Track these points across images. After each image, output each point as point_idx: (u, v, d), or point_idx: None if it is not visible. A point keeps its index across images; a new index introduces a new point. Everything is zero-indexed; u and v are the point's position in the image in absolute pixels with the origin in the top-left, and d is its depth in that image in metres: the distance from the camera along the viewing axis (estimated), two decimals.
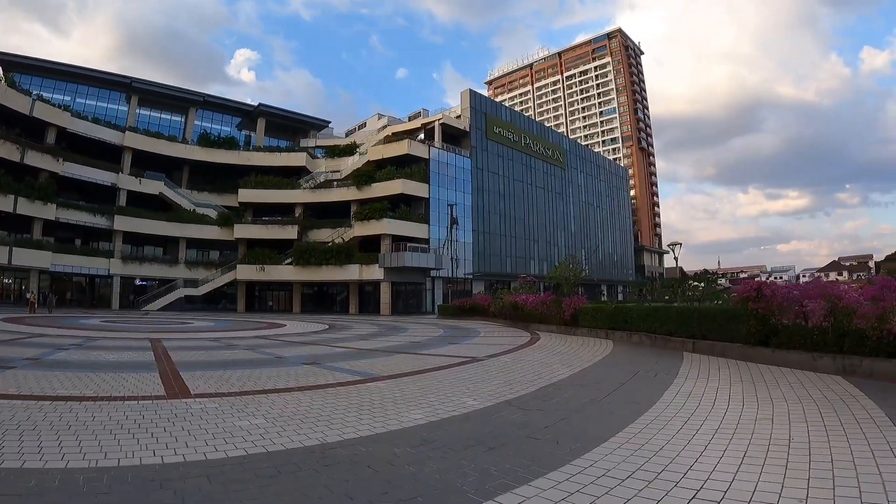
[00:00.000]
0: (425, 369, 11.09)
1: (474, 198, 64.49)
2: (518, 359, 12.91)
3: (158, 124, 63.92)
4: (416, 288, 58.03)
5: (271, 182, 60.33)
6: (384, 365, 11.97)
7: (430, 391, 8.60)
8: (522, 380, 9.72)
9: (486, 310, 33.28)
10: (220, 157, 62.34)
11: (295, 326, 29.22)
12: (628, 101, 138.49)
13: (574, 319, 20.57)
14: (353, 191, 57.61)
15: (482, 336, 21.02)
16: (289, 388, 8.84)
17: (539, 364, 11.89)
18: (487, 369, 11.07)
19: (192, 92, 66.65)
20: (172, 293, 55.48)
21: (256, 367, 11.60)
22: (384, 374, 10.35)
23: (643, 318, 16.24)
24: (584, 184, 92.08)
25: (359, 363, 12.42)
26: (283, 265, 56.33)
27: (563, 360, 12.63)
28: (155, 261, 57.23)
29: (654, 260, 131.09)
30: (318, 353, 14.78)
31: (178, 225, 57.34)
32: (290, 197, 60.36)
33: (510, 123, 74.05)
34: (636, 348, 14.88)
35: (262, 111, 69.44)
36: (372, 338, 20.94)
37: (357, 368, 11.37)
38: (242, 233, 58.50)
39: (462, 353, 14.46)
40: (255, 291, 63.47)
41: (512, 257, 71.36)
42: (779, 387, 8.64)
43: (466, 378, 9.97)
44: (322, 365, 11.85)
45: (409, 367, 11.38)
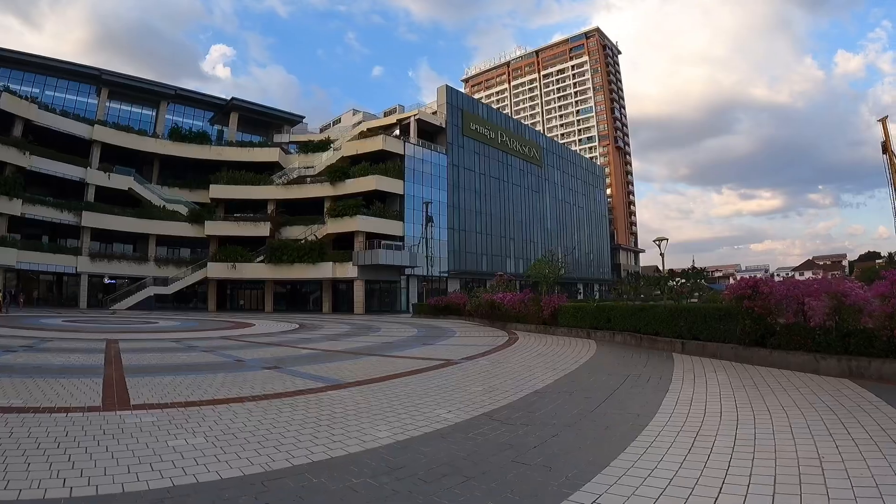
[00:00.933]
0: (396, 374, 10.07)
1: (450, 195, 63.58)
2: (497, 361, 11.95)
3: (129, 118, 62.02)
4: (391, 286, 56.97)
5: (243, 178, 58.80)
6: (351, 369, 10.94)
7: (400, 401, 7.59)
8: (503, 386, 8.73)
9: (461, 309, 32.47)
10: (191, 152, 60.55)
11: (263, 326, 28.19)
12: (605, 101, 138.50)
13: (553, 318, 19.75)
14: (326, 187, 56.36)
15: (458, 336, 20.05)
16: (241, 397, 7.83)
17: (520, 367, 10.94)
18: (464, 374, 10.08)
19: (163, 85, 64.85)
20: (141, 292, 53.62)
21: (212, 371, 10.57)
22: (350, 381, 9.34)
23: (628, 317, 15.41)
24: (561, 182, 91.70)
25: (324, 367, 11.35)
26: (255, 263, 55.01)
27: (545, 362, 11.68)
28: (124, 258, 55.40)
29: (630, 259, 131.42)
30: (282, 355, 13.72)
31: (147, 221, 55.57)
32: (262, 193, 58.85)
33: (487, 120, 73.21)
34: (621, 349, 14.01)
35: (234, 105, 67.81)
36: (342, 338, 19.89)
37: (321, 373, 10.32)
38: (213, 229, 56.93)
39: (436, 355, 13.50)
40: (227, 290, 61.82)
41: (488, 255, 70.59)
42: (786, 392, 7.79)
43: (440, 385, 8.96)
44: (284, 369, 10.83)
45: (377, 372, 10.35)
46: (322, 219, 55.86)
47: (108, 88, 60.42)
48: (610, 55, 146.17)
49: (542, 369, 10.56)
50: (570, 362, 11.56)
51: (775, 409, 6.71)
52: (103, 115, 59.27)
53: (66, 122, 53.32)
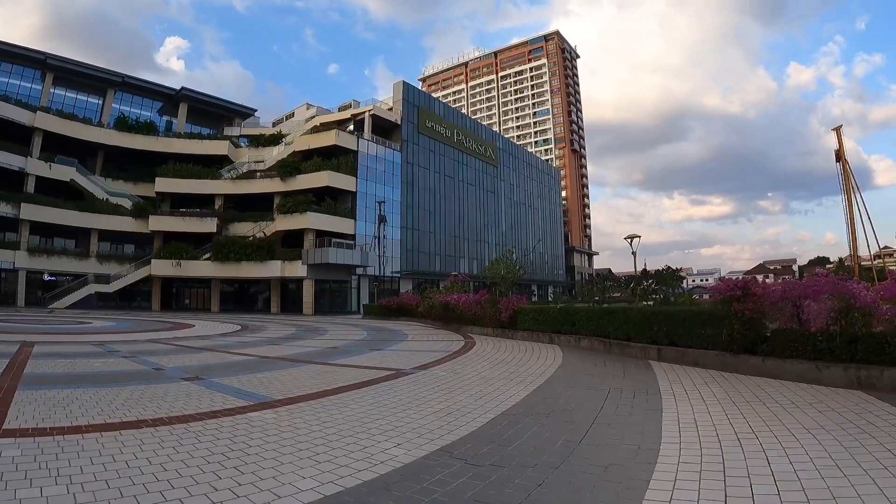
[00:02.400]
0: (336, 389, 8.40)
1: (404, 193, 62.01)
2: (454, 372, 10.37)
3: (74, 105, 58.26)
4: (341, 286, 55.06)
5: (191, 171, 56.01)
6: (285, 381, 9.23)
7: (336, 428, 5.95)
8: (464, 406, 7.15)
9: (413, 310, 30.94)
10: (137, 143, 57.28)
11: (203, 327, 26.31)
12: (562, 103, 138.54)
13: (512, 321, 18.26)
14: (276, 182, 54.15)
15: (410, 340, 18.43)
16: (140, 420, 6.18)
17: (481, 380, 9.36)
18: (417, 389, 8.46)
19: (110, 72, 61.13)
20: (82, 290, 50.42)
21: (122, 383, 8.77)
22: (280, 398, 7.65)
23: (595, 320, 14.05)
24: (517, 183, 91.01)
25: (254, 378, 9.57)
26: (201, 260, 52.46)
27: (509, 373, 10.13)
28: (65, 254, 51.92)
29: (584, 261, 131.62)
30: (212, 362, 11.96)
31: (89, 215, 52.19)
32: (210, 187, 56.18)
33: (443, 118, 71.86)
34: (591, 356, 12.61)
35: (184, 95, 64.71)
36: (284, 342, 18.11)
37: (248, 387, 8.57)
38: (158, 225, 54.06)
39: (386, 362, 11.91)
40: (173, 289, 58.96)
41: (441, 256, 69.22)
42: (801, 410, 6.54)
43: (388, 404, 7.33)
44: (206, 381, 9.11)
45: (315, 386, 8.68)
46: (271, 215, 53.61)
47: (54, 74, 56.62)
48: (568, 59, 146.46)
49: (508, 382, 9.02)
50: (537, 373, 10.05)
51: (801, 434, 5.45)
52: (48, 101, 55.54)
53: (7, 107, 49.59)
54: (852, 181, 46.14)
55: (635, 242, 25.57)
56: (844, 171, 46.82)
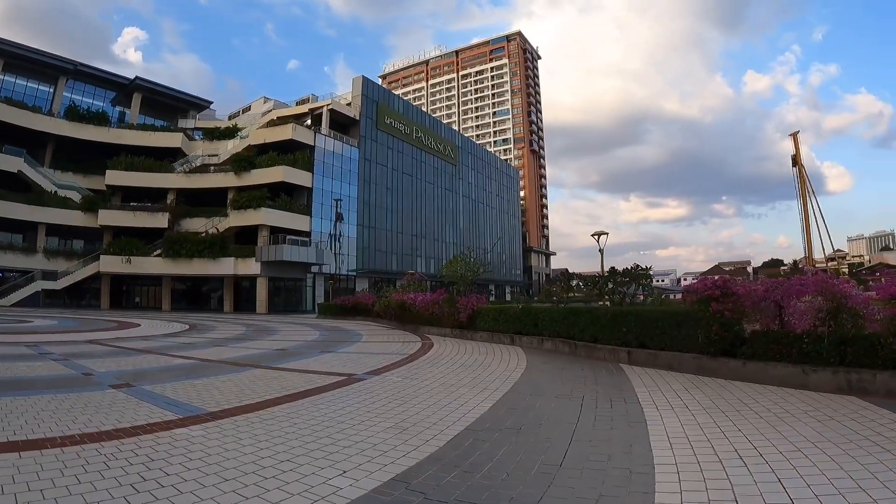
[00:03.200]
0: (280, 398, 7.41)
1: (361, 190, 60.79)
2: (411, 377, 9.44)
3: (24, 93, 55.49)
4: (296, 284, 53.61)
5: (143, 164, 53.54)
6: (224, 389, 8.17)
7: (272, 450, 4.97)
8: (422, 420, 6.22)
9: (369, 309, 29.98)
10: (88, 134, 54.64)
11: (149, 327, 24.86)
12: (522, 104, 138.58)
13: (471, 322, 17.42)
14: (231, 177, 52.28)
15: (364, 341, 17.42)
16: (47, 439, 5.17)
17: (441, 387, 8.45)
18: (369, 398, 7.48)
19: (63, 59, 58.24)
20: (28, 287, 47.79)
21: (43, 391, 7.77)
22: (214, 409, 6.63)
23: (560, 321, 13.29)
24: (476, 182, 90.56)
25: (191, 386, 8.49)
26: (152, 257, 50.26)
27: (471, 378, 9.23)
28: (10, 249, 49.09)
29: (542, 261, 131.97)
30: (148, 366, 10.86)
31: (36, 208, 49.51)
32: (162, 181, 53.88)
33: (402, 115, 70.84)
34: (556, 359, 11.84)
35: (138, 85, 62.29)
36: (231, 343, 16.90)
37: (181, 396, 7.50)
38: (108, 219, 51.59)
39: (337, 367, 10.92)
40: (123, 286, 56.57)
41: (398, 254, 68.22)
42: (799, 420, 5.92)
43: (336, 418, 6.33)
44: (136, 388, 8.04)
45: (255, 395, 7.65)
46: (225, 211, 51.80)
47: (3, 59, 53.70)
48: (530, 59, 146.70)
49: (470, 389, 8.13)
50: (501, 378, 9.18)
51: (809, 449, 4.81)
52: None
53: None
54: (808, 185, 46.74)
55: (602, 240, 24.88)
56: (801, 175, 47.45)
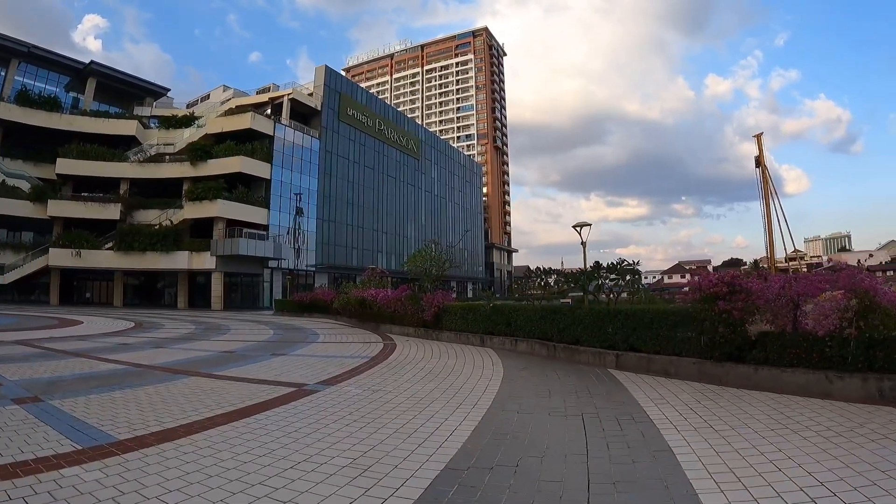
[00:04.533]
0: (211, 418, 5.93)
1: (321, 183, 58.80)
2: (372, 389, 7.94)
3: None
4: (253, 280, 51.44)
5: (95, 152, 50.50)
6: (147, 404, 6.65)
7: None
8: (388, 454, 4.74)
9: (328, 306, 28.29)
10: (38, 120, 51.06)
11: (91, 325, 23.06)
12: (487, 100, 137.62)
13: (437, 321, 16.00)
14: (186, 167, 49.69)
15: (321, 341, 15.83)
16: None
17: (409, 402, 6.97)
18: (322, 418, 5.99)
19: (15, 40, 54.40)
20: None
21: None
22: (124, 437, 5.16)
23: (537, 321, 12.00)
24: (438, 177, 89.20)
25: (109, 399, 6.96)
26: (103, 250, 47.29)
27: (442, 389, 7.83)
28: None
29: (504, 258, 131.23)
30: (68, 374, 9.17)
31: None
32: (115, 170, 50.91)
33: (365, 107, 69.04)
34: (533, 363, 10.53)
35: (93, 70, 58.88)
36: (173, 344, 15.26)
37: (93, 415, 6.01)
38: (58, 210, 48.44)
39: (286, 374, 9.43)
40: (73, 281, 53.66)
41: (359, 249, 66.48)
42: (854, 442, 4.77)
43: (277, 450, 4.85)
44: (44, 403, 6.55)
45: (183, 413, 6.16)
46: (180, 202, 49.28)
47: None
48: (496, 56, 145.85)
49: (444, 405, 6.69)
50: (478, 389, 7.78)
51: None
52: None
53: None
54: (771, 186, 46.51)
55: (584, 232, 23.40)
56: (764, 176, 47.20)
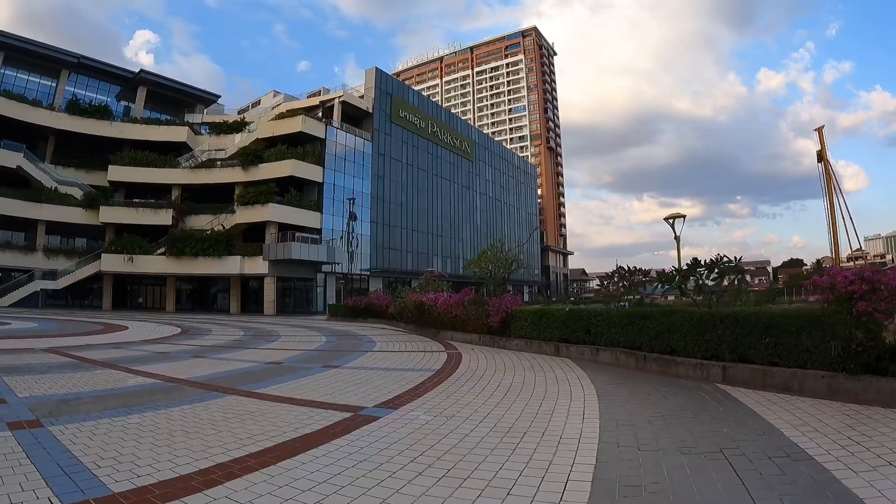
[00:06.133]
0: (239, 459, 4.69)
1: (374, 186, 58.14)
2: (445, 415, 6.49)
3: (26, 87, 53.85)
4: (306, 285, 51.01)
5: (147, 159, 51.45)
6: (164, 434, 5.50)
7: None
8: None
9: (383, 311, 27.33)
10: (90, 128, 52.47)
11: (135, 331, 22.46)
12: (538, 100, 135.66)
13: (504, 327, 14.56)
14: (238, 172, 49.90)
15: (377, 350, 14.58)
16: None
17: (494, 434, 5.53)
18: (383, 465, 4.54)
19: (65, 52, 56.31)
20: (27, 286, 46.01)
21: None
22: (124, 487, 4.03)
23: (622, 327, 10.50)
24: (492, 179, 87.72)
25: (121, 427, 5.81)
26: (155, 255, 48.07)
27: (530, 415, 6.41)
28: (8, 247, 47.16)
29: (559, 261, 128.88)
30: (86, 390, 8.08)
31: (35, 205, 47.42)
32: (166, 176, 51.73)
33: (417, 108, 68.19)
34: (625, 377, 9.07)
35: (143, 79, 60.24)
36: (216, 353, 14.26)
37: (94, 451, 4.87)
38: (110, 216, 49.51)
39: (340, 392, 8.06)
40: (126, 286, 54.56)
41: (413, 253, 65.49)
42: None
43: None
44: (43, 431, 5.50)
45: (207, 452, 4.91)
46: (231, 207, 49.40)
47: (4, 52, 51.90)
48: (546, 55, 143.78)
49: (540, 440, 5.26)
50: (574, 414, 6.38)
51: None
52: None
53: None
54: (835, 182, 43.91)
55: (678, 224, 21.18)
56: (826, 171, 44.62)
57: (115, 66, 61.92)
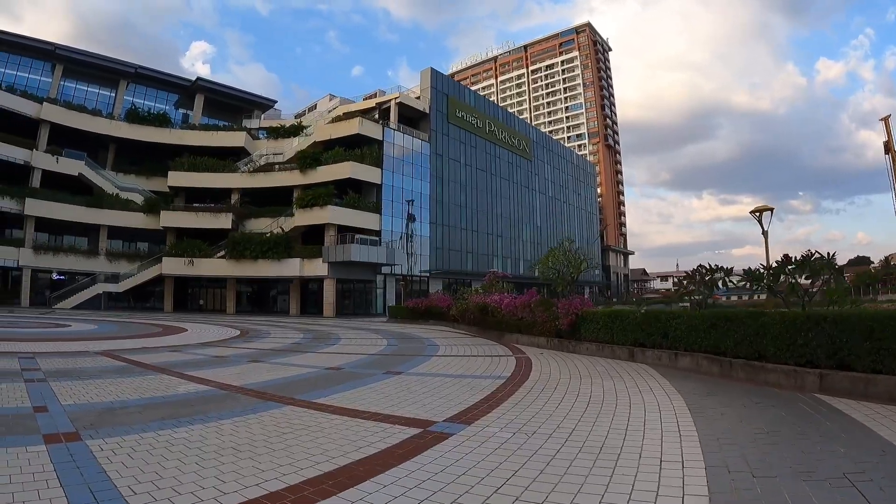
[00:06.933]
0: (296, 486, 4.19)
1: (432, 186, 58.03)
2: (524, 431, 5.85)
3: (85, 98, 56.15)
4: (365, 286, 51.21)
5: (205, 164, 52.88)
6: (213, 454, 5.03)
7: None
8: None
9: (445, 313, 26.89)
10: (149, 136, 54.50)
11: (194, 333, 22.78)
12: (595, 97, 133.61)
13: (573, 330, 13.88)
14: (296, 175, 50.62)
15: (441, 355, 14.17)
16: None
17: (584, 456, 4.91)
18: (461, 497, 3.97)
19: (122, 62, 58.53)
20: (89, 289, 47.99)
21: None
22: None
23: (704, 330, 9.80)
24: (551, 177, 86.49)
25: (166, 441, 5.44)
26: (215, 258, 49.21)
27: (619, 432, 5.79)
28: (72, 252, 49.31)
29: (620, 261, 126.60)
30: (134, 398, 7.70)
31: (97, 211, 49.64)
32: (225, 181, 53.03)
33: (474, 108, 67.71)
34: (712, 386, 8.38)
35: (200, 87, 61.93)
36: (274, 357, 13.92)
37: (130, 472, 4.44)
38: (170, 220, 51.13)
39: (406, 402, 7.54)
40: (187, 289, 55.94)
41: (473, 254, 65.03)
42: None
43: None
44: (79, 444, 5.16)
45: (257, 478, 4.39)
46: (290, 210, 50.10)
47: (63, 65, 54.45)
48: (600, 51, 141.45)
49: (637, 465, 4.63)
50: (669, 431, 5.72)
51: None
52: (57, 93, 53.48)
53: (11, 98, 47.35)
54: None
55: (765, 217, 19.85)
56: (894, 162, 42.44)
57: (172, 74, 63.95)
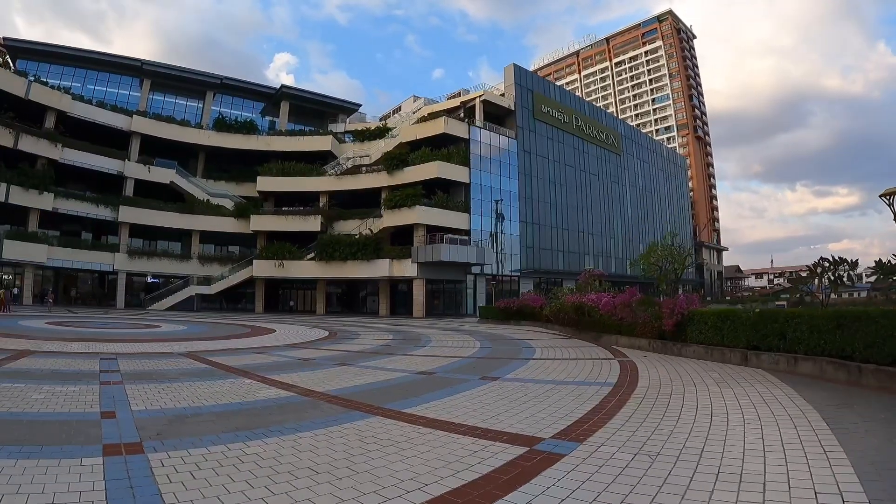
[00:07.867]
0: None
1: (521, 184, 57.35)
2: (647, 451, 5.20)
3: (173, 110, 59.53)
4: (455, 287, 51.19)
5: (293, 169, 54.56)
6: (285, 476, 4.42)
7: None
8: None
9: (537, 313, 26.46)
10: (237, 143, 56.90)
11: (282, 334, 23.13)
12: (682, 87, 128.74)
13: (679, 331, 13.13)
14: (383, 176, 51.30)
15: (538, 358, 13.58)
16: None
17: (724, 487, 4.19)
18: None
19: (207, 74, 61.59)
20: (182, 291, 50.86)
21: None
22: None
23: (828, 331, 8.93)
24: (641, 172, 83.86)
25: (238, 456, 4.96)
26: (305, 260, 50.80)
27: (754, 455, 5.12)
28: (165, 256, 52.64)
29: (714, 257, 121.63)
30: (209, 403, 7.40)
31: (188, 216, 52.47)
32: (313, 185, 54.46)
33: (560, 103, 66.54)
34: (844, 395, 7.56)
35: (285, 94, 63.90)
36: (362, 360, 13.41)
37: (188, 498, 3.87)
38: (259, 224, 53.08)
39: (506, 414, 6.82)
40: (278, 290, 57.81)
41: (564, 252, 63.88)
42: None
43: None
44: (140, 457, 4.73)
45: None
46: (378, 211, 50.86)
47: (151, 79, 58.05)
48: (685, 39, 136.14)
49: (783, 496, 3.94)
50: (814, 455, 4.95)
51: None
52: (146, 106, 57.15)
53: (102, 112, 50.80)
54: None
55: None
56: None
57: (257, 83, 66.85)
